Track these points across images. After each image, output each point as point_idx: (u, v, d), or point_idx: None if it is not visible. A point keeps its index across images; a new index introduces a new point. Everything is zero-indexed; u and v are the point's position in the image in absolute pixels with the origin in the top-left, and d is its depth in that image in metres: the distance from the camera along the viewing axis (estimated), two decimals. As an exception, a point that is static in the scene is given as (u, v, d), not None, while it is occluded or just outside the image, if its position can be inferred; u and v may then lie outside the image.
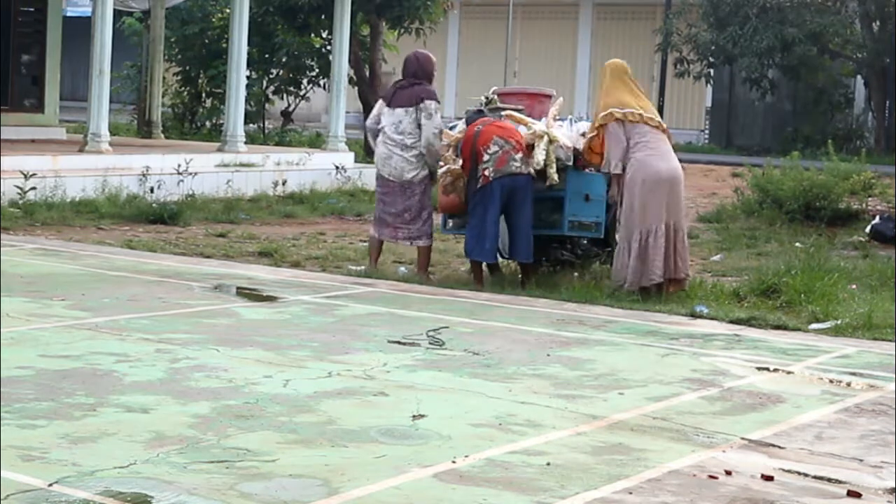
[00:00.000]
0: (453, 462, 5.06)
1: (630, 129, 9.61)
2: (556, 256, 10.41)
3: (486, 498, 4.66)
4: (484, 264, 10.61)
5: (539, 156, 9.94)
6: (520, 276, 10.35)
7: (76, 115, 23.34)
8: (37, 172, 14.20)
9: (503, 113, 10.43)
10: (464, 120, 10.75)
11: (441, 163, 10.30)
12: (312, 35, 23.54)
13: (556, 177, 9.94)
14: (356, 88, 22.51)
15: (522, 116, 10.27)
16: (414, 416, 5.77)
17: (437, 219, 10.81)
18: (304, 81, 24.66)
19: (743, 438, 5.66)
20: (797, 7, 27.41)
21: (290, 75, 24.41)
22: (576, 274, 10.46)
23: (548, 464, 5.10)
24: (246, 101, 20.03)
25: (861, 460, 5.41)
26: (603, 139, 9.71)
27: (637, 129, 9.61)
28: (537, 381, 6.64)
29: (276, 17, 22.66)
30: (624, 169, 9.58)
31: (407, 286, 9.84)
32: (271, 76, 24.46)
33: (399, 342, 7.55)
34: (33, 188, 13.85)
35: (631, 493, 4.80)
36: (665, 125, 9.87)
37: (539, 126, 10.11)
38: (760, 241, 14.30)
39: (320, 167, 18.20)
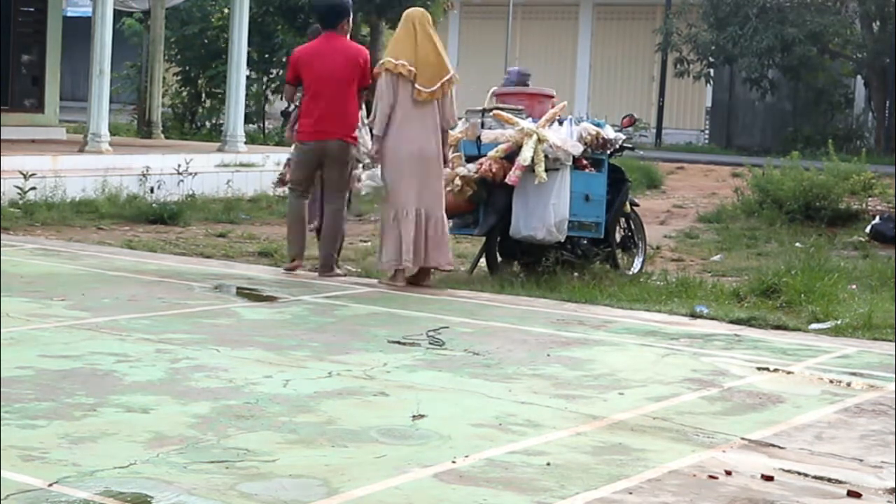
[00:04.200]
0: (453, 462, 5.06)
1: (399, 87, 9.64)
2: (556, 256, 10.41)
3: (486, 498, 4.65)
4: (484, 264, 10.64)
5: (526, 153, 9.98)
6: (521, 276, 10.38)
7: (76, 115, 23.33)
8: (37, 172, 14.21)
9: (491, 112, 10.47)
10: (463, 119, 10.77)
11: (449, 164, 10.32)
12: (312, 35, 23.53)
13: (544, 175, 9.98)
14: (356, 88, 22.48)
15: (510, 116, 10.29)
16: (414, 416, 5.77)
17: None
18: (304, 81, 24.65)
19: (743, 438, 5.66)
20: (797, 7, 27.41)
21: (291, 75, 24.39)
22: (576, 274, 10.46)
23: (548, 464, 5.10)
24: (246, 101, 20.04)
25: (861, 460, 5.41)
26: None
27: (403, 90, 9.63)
28: (537, 381, 6.64)
29: (276, 17, 22.68)
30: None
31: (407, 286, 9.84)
32: (271, 76, 24.46)
33: (399, 342, 7.54)
34: (33, 188, 13.85)
35: (631, 493, 4.80)
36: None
37: (527, 125, 10.14)
38: (760, 241, 14.31)
39: (320, 167, 18.17)
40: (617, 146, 10.86)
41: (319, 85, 9.92)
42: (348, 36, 10.13)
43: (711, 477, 5.03)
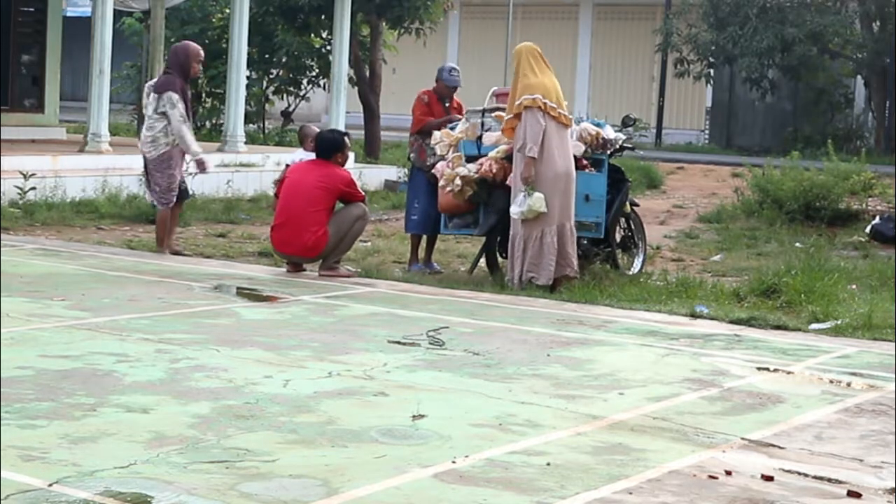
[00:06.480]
0: (453, 462, 5.06)
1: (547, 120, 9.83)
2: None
3: (486, 498, 4.66)
4: (484, 264, 10.64)
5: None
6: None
7: (76, 115, 23.34)
8: (37, 172, 14.20)
9: (493, 114, 10.48)
10: (463, 119, 10.77)
11: (448, 164, 10.33)
12: (312, 35, 23.53)
13: None
14: (356, 88, 22.52)
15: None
16: (414, 416, 5.77)
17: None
18: (304, 81, 24.66)
19: (743, 438, 5.66)
20: (797, 7, 27.38)
21: (290, 75, 24.40)
22: (576, 274, 10.45)
23: (548, 464, 5.10)
24: (246, 101, 20.03)
25: (861, 460, 5.41)
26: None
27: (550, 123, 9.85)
28: (537, 381, 6.64)
29: (276, 17, 22.66)
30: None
31: (407, 286, 9.85)
32: (271, 76, 24.46)
33: (399, 342, 7.55)
34: (33, 188, 13.85)
35: (631, 493, 4.80)
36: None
37: None
38: (760, 241, 14.31)
39: (320, 167, 18.17)
40: (617, 146, 10.86)
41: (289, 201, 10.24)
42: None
43: (711, 477, 5.04)
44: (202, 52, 11.51)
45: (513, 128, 9.92)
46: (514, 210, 9.81)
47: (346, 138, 10.64)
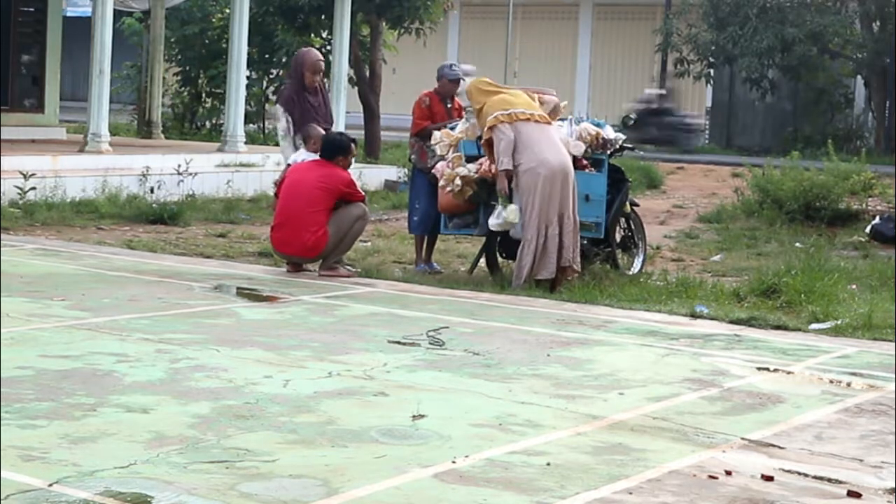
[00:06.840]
0: (453, 462, 5.06)
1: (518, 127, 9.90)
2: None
3: (486, 498, 4.66)
4: (484, 264, 10.64)
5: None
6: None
7: (76, 115, 23.33)
8: (37, 172, 14.20)
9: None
10: (463, 119, 10.76)
11: (448, 164, 10.34)
12: (312, 35, 23.52)
13: None
14: (356, 88, 22.51)
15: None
16: (414, 416, 5.77)
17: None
18: (305, 81, 24.63)
19: (743, 438, 5.66)
20: (797, 7, 27.38)
21: (291, 75, 24.40)
22: (576, 274, 10.44)
23: (548, 464, 5.10)
24: (246, 101, 20.04)
25: (861, 460, 5.41)
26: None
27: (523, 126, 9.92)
28: (537, 381, 6.64)
29: (276, 17, 22.67)
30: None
31: (407, 286, 9.85)
32: (271, 76, 24.47)
33: (399, 342, 7.55)
34: (33, 188, 13.84)
35: (631, 493, 4.80)
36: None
37: None
38: (760, 241, 14.31)
39: (320, 167, 18.16)
40: (617, 146, 10.86)
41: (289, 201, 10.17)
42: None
43: (711, 477, 5.04)
44: (321, 62, 10.96)
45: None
46: (493, 222, 9.93)
47: (352, 144, 10.57)
